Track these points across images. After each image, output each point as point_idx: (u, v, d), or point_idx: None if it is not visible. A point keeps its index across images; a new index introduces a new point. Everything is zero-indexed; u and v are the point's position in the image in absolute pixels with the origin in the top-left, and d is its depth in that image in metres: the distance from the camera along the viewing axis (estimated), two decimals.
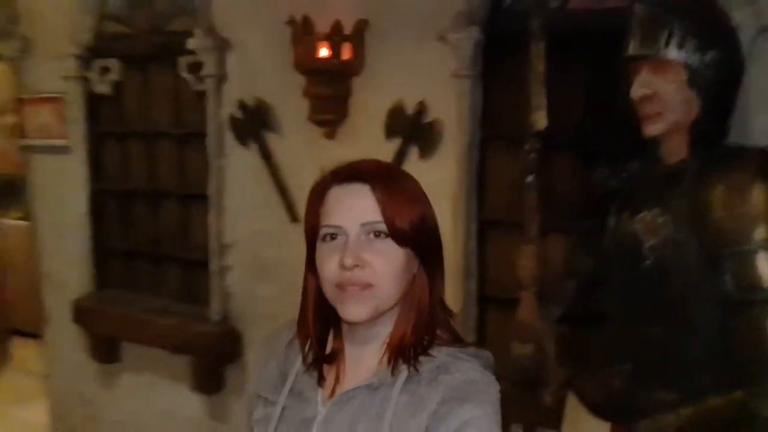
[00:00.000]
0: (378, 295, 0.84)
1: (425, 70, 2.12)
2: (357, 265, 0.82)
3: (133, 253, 3.00)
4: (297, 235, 2.37)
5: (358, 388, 0.85)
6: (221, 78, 2.51)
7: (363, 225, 0.83)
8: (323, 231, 0.85)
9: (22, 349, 4.56)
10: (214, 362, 2.70)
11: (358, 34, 2.18)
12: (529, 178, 1.68)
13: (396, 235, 0.83)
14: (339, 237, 0.84)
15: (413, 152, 2.19)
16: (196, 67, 2.54)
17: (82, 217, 2.99)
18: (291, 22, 2.20)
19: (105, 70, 2.86)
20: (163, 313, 2.79)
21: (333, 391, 0.88)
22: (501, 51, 2.06)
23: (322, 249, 0.85)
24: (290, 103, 2.34)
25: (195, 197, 2.73)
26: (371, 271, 0.83)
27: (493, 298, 2.19)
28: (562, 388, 1.69)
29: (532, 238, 1.66)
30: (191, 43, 2.49)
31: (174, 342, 2.72)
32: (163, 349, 2.77)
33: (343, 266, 0.82)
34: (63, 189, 3.04)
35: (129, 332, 2.89)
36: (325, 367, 0.90)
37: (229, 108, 2.50)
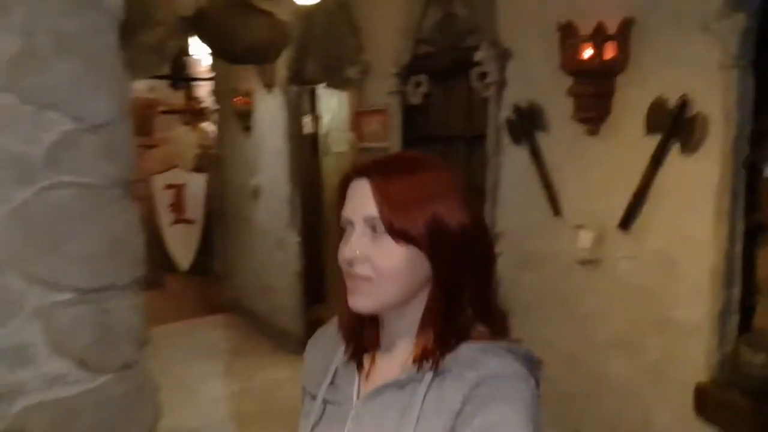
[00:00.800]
0: (378, 290, 0.82)
1: (689, 62, 2.06)
2: (356, 258, 0.82)
3: None
4: (559, 228, 2.54)
5: (388, 384, 0.85)
6: (502, 84, 2.81)
7: (365, 219, 0.82)
8: (341, 221, 0.86)
9: None
10: None
11: (623, 33, 2.23)
12: None
13: (394, 232, 0.80)
14: (349, 229, 0.84)
15: (675, 148, 2.14)
16: (482, 76, 2.89)
17: None
18: (560, 27, 2.37)
19: (417, 84, 3.43)
20: None
21: (369, 383, 0.89)
22: None
23: (342, 240, 0.86)
24: (557, 103, 2.50)
25: (478, 192, 3.08)
26: (370, 266, 0.82)
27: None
28: None
29: None
30: (478, 56, 2.85)
31: None
32: None
33: (344, 258, 0.83)
34: None
35: None
36: (366, 360, 0.91)
37: (506, 111, 2.78)
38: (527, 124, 2.68)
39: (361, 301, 0.84)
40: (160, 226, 6.37)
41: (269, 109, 5.26)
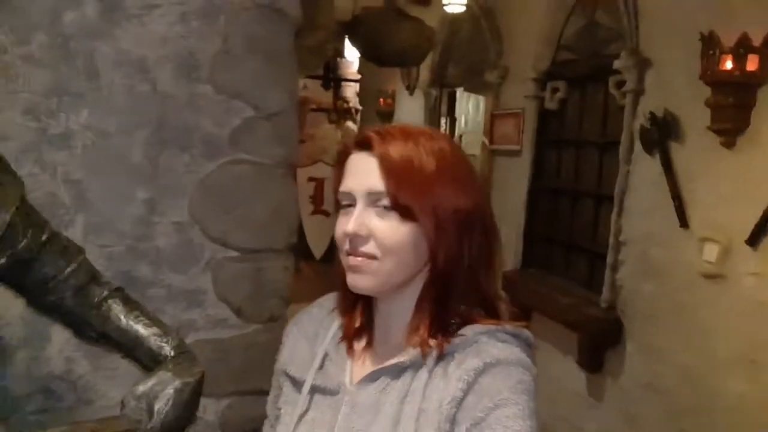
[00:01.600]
0: (381, 268, 0.78)
1: None
2: (359, 235, 0.77)
3: (553, 241, 3.59)
4: (684, 240, 2.54)
5: (386, 368, 0.80)
6: (639, 93, 2.83)
7: (369, 194, 0.78)
8: (339, 197, 0.81)
9: None
10: (597, 344, 3.04)
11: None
12: None
13: (398, 208, 0.76)
14: (351, 205, 0.79)
15: None
16: (620, 85, 2.93)
17: (521, 207, 3.74)
18: (702, 37, 2.38)
19: (555, 90, 3.52)
20: (566, 294, 3.28)
21: (364, 368, 0.84)
22: None
23: (339, 216, 0.82)
24: (693, 113, 2.49)
25: (606, 198, 3.11)
26: (374, 242, 0.77)
27: None
28: None
29: None
30: (617, 64, 2.89)
31: (569, 319, 3.18)
32: (559, 323, 3.26)
33: (346, 235, 0.78)
34: (512, 184, 3.86)
35: (539, 304, 3.49)
36: (357, 345, 0.86)
37: (641, 119, 2.80)
38: (661, 133, 2.68)
39: (362, 281, 0.79)
40: (300, 215, 6.89)
41: (410, 110, 5.56)
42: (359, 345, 0.86)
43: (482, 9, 4.11)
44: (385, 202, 0.77)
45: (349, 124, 7.23)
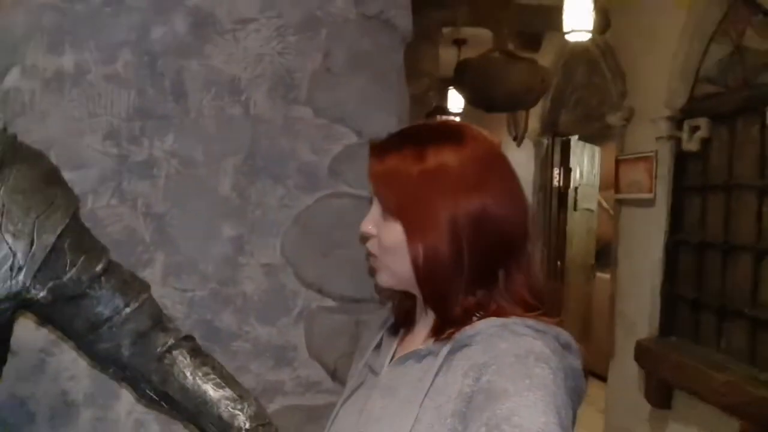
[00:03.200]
0: (385, 265, 0.83)
1: None
2: (368, 233, 0.83)
3: (700, 304, 3.05)
4: None
5: (408, 355, 0.82)
6: None
7: (375, 195, 0.84)
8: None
9: (595, 389, 5.09)
10: None
11: None
12: None
13: (386, 210, 0.81)
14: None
15: None
16: None
17: (657, 265, 3.24)
18: None
19: (694, 129, 3.07)
20: (721, 369, 2.72)
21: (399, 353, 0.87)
22: None
23: None
24: None
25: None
26: (377, 241, 0.82)
27: None
28: None
29: None
30: None
31: (727, 402, 2.61)
32: (714, 406, 2.69)
33: (359, 233, 0.85)
34: (644, 238, 3.38)
35: (684, 381, 2.93)
36: (404, 332, 0.89)
37: None
38: None
39: (378, 278, 0.85)
40: None
41: (517, 162, 5.20)
42: (406, 332, 0.89)
43: (601, 47, 3.77)
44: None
45: None
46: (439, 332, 0.80)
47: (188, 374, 0.93)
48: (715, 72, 2.95)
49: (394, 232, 0.80)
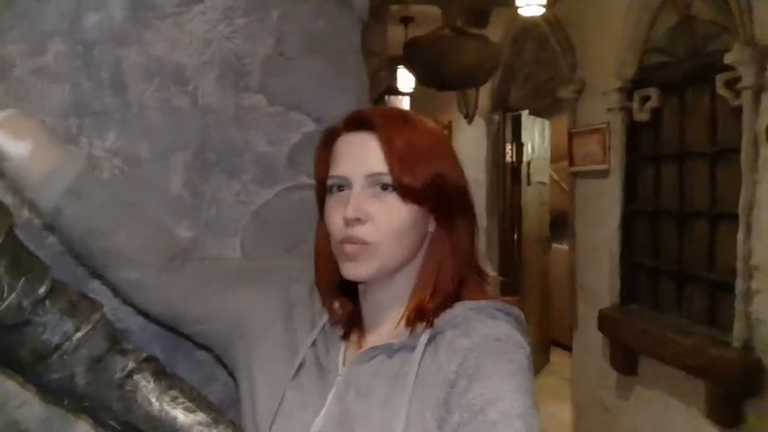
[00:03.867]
0: (378, 253, 0.77)
1: None
2: (359, 219, 0.76)
3: (658, 271, 3.10)
4: None
5: (377, 349, 0.79)
6: (760, 88, 2.39)
7: (368, 176, 0.77)
8: (330, 182, 0.81)
9: (558, 357, 5.20)
10: (732, 392, 2.51)
11: None
12: None
13: (402, 189, 0.76)
14: (345, 189, 0.79)
15: None
16: (733, 83, 2.50)
17: (615, 234, 3.27)
18: None
19: (645, 99, 3.10)
20: (683, 334, 2.78)
21: (355, 351, 0.83)
22: None
23: (329, 201, 0.81)
24: None
25: (724, 216, 2.64)
26: (373, 226, 0.76)
27: None
28: None
29: None
30: (729, 58, 2.46)
31: (691, 364, 2.67)
32: (679, 369, 2.75)
33: (345, 220, 0.76)
34: (599, 209, 3.41)
35: (648, 347, 2.98)
36: (349, 331, 0.85)
37: (765, 118, 2.35)
38: None
39: (361, 269, 0.78)
40: None
41: (470, 139, 5.21)
42: (351, 332, 0.85)
43: (550, 21, 3.75)
44: (386, 181, 0.76)
45: None
46: (418, 319, 0.77)
47: (153, 400, 0.84)
48: (664, 42, 2.97)
49: (402, 214, 0.77)
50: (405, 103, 6.61)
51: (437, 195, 0.78)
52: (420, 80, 3.78)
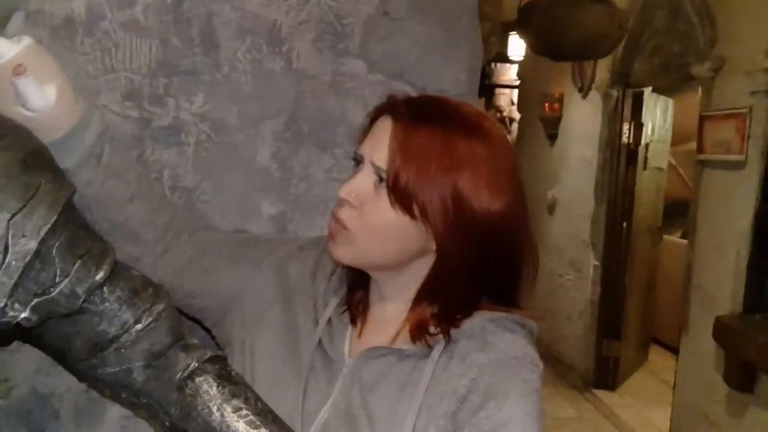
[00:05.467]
0: (353, 242, 0.75)
1: None
2: (349, 202, 0.75)
3: None
4: None
5: (388, 349, 0.77)
6: None
7: (373, 164, 0.74)
8: (355, 155, 0.79)
9: (659, 357, 4.82)
10: None
11: None
12: None
13: (394, 193, 0.71)
14: (358, 166, 0.78)
15: None
16: None
17: (744, 234, 2.91)
18: None
19: None
20: None
21: (360, 342, 0.81)
22: None
23: (351, 175, 0.79)
24: None
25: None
26: (358, 214, 0.74)
27: None
28: None
29: None
30: None
31: None
32: None
33: (338, 197, 0.76)
34: (729, 204, 3.03)
35: None
36: (357, 316, 0.83)
37: None
38: None
39: (337, 250, 0.77)
40: None
41: (582, 115, 4.84)
42: (358, 317, 0.83)
43: None
44: (383, 176, 0.73)
45: None
46: (422, 332, 0.75)
47: (215, 410, 0.73)
48: None
49: (387, 217, 0.73)
50: (512, 72, 6.27)
51: (443, 212, 0.71)
52: (533, 48, 3.49)
